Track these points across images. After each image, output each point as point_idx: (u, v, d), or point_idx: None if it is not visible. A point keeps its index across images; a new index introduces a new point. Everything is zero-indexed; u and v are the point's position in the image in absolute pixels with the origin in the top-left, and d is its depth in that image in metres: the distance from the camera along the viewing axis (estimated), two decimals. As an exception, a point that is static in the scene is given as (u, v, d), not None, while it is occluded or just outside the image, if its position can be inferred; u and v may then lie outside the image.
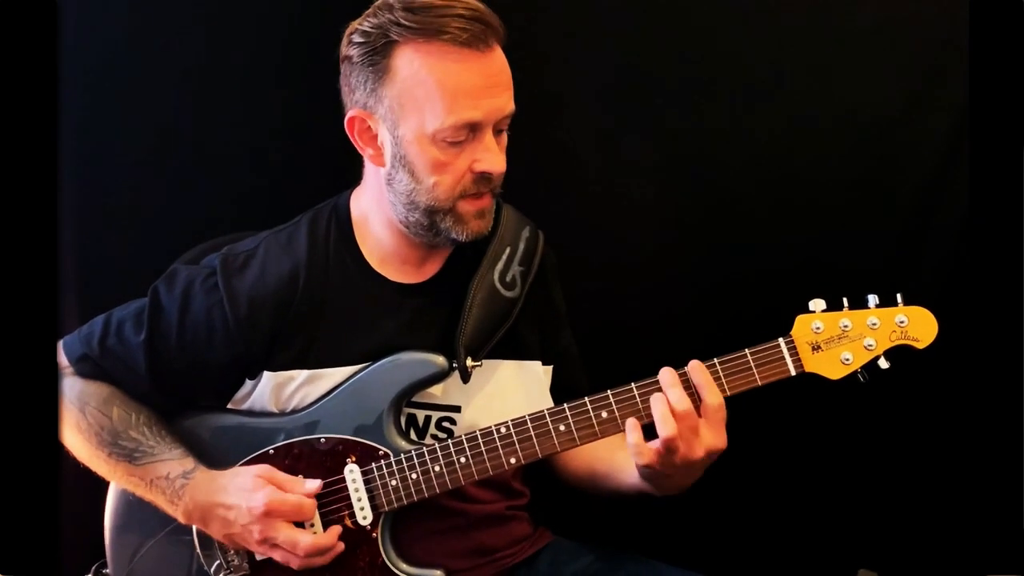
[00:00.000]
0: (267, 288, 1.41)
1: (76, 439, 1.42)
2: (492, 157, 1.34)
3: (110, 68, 1.86)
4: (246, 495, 1.35)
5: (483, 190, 1.38)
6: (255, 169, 1.93)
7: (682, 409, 1.29)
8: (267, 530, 1.34)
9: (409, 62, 1.31)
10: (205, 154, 1.91)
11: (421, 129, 1.33)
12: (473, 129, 1.33)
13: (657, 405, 1.30)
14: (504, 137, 1.39)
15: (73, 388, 1.43)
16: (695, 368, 1.32)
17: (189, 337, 1.41)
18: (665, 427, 1.28)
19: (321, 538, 1.37)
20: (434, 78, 1.30)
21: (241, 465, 1.43)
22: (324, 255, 1.45)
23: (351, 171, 1.49)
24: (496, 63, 1.33)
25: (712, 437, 1.31)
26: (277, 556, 1.37)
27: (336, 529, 1.39)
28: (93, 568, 1.54)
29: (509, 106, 1.35)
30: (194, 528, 1.42)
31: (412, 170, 1.36)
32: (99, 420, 1.41)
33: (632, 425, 1.31)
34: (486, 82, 1.32)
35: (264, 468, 1.38)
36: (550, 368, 1.56)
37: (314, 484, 1.38)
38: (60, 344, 1.46)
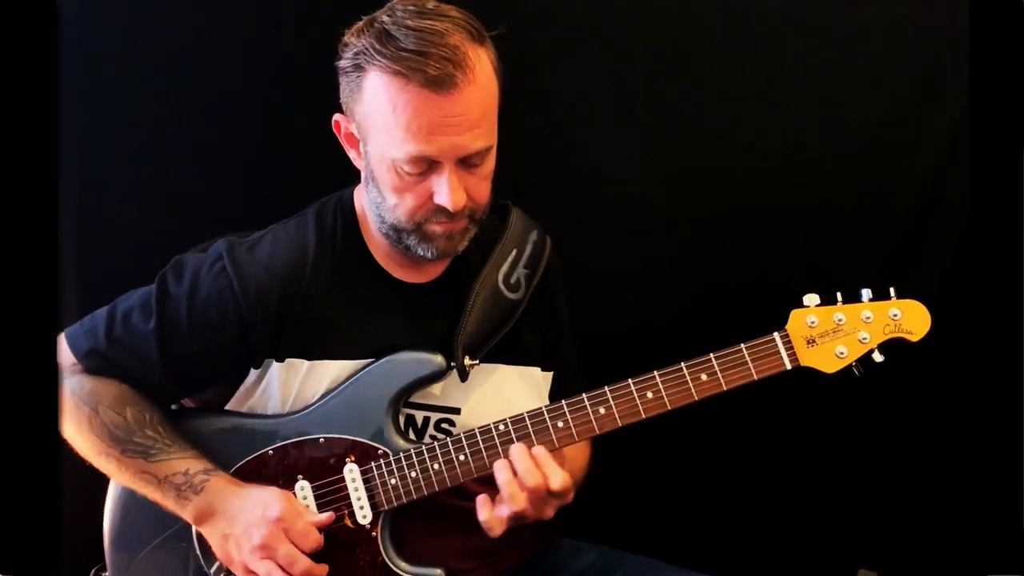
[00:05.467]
0: (275, 271, 1.41)
1: (86, 438, 1.42)
2: (448, 193, 1.32)
3: (110, 68, 1.86)
4: (264, 502, 1.36)
5: (445, 219, 1.36)
6: (255, 168, 1.93)
7: (532, 485, 1.32)
8: (271, 539, 1.34)
9: (374, 88, 1.31)
10: (205, 153, 1.91)
11: (382, 152, 1.33)
12: (432, 163, 1.32)
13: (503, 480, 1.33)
14: (482, 169, 1.36)
15: (84, 387, 1.42)
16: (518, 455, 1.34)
17: (200, 321, 1.41)
18: (514, 503, 1.32)
19: (318, 568, 1.37)
20: (391, 110, 1.30)
21: (241, 465, 1.43)
22: (331, 246, 1.45)
23: (351, 171, 1.49)
24: (463, 103, 1.29)
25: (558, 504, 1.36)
26: (261, 571, 1.35)
27: (324, 567, 1.38)
28: (92, 572, 1.54)
29: (476, 144, 1.32)
30: (193, 531, 1.42)
31: (378, 186, 1.37)
32: (113, 419, 1.40)
33: (482, 501, 1.35)
34: (445, 122, 1.29)
35: (286, 491, 1.39)
36: (550, 374, 1.56)
37: (327, 517, 1.39)
38: (64, 339, 1.45)
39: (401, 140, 1.30)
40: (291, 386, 1.43)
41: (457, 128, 1.30)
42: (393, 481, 1.40)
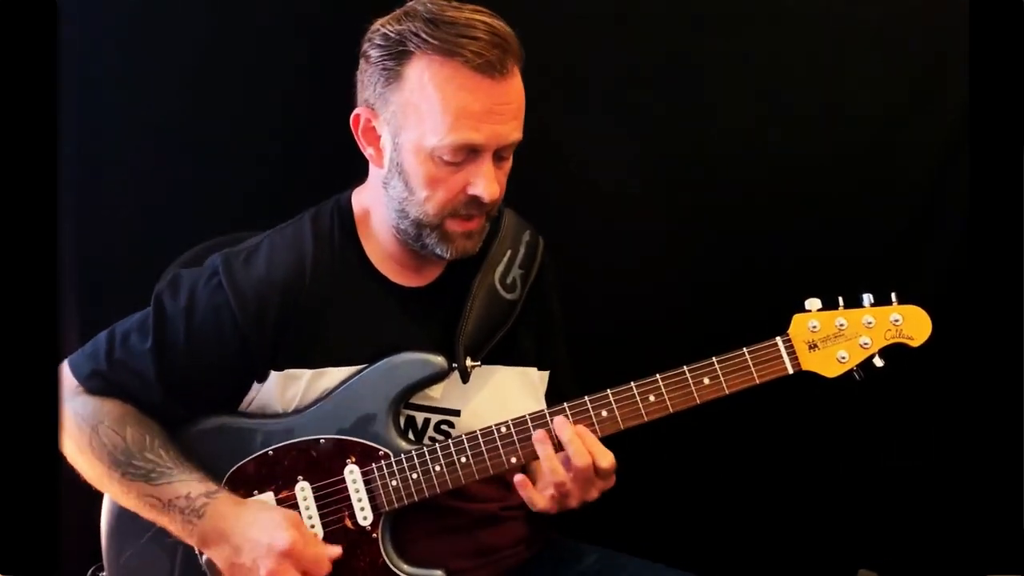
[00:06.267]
0: (274, 282, 1.40)
1: (87, 460, 1.40)
2: (486, 184, 1.33)
3: (110, 68, 1.86)
4: (271, 530, 1.34)
5: (474, 213, 1.37)
6: (255, 169, 1.93)
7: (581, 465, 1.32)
8: (278, 570, 1.32)
9: (420, 75, 1.31)
10: (205, 154, 1.91)
11: (420, 142, 1.32)
12: (472, 152, 1.32)
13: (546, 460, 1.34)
14: (507, 164, 1.38)
15: (86, 407, 1.41)
16: (579, 433, 1.34)
17: (198, 340, 1.40)
18: (555, 476, 1.33)
19: None
20: (440, 95, 1.30)
21: (242, 465, 1.42)
22: (329, 251, 1.45)
23: (352, 171, 1.48)
24: (508, 91, 1.32)
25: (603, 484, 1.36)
26: None
27: None
28: (89, 572, 1.54)
29: (514, 135, 1.34)
30: None
31: (406, 179, 1.36)
32: (112, 440, 1.39)
33: (521, 482, 1.35)
34: (492, 108, 1.31)
35: (294, 514, 1.38)
36: (546, 374, 1.56)
37: (335, 551, 1.38)
38: (67, 364, 1.44)
39: (448, 127, 1.30)
40: (291, 394, 1.42)
41: (502, 116, 1.31)
42: (394, 482, 1.40)
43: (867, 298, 1.37)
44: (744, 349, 1.36)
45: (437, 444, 1.39)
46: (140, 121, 1.89)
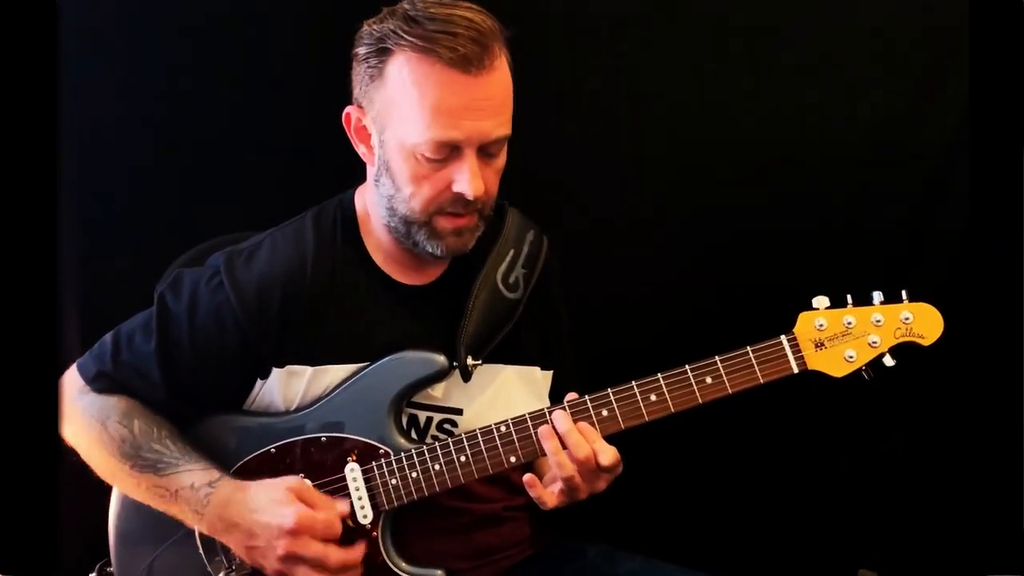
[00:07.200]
0: (275, 279, 1.41)
1: (99, 454, 1.41)
2: (469, 180, 1.32)
3: (110, 68, 1.86)
4: (275, 509, 1.34)
5: (461, 210, 1.36)
6: (256, 169, 1.93)
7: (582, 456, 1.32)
8: (294, 546, 1.33)
9: (399, 71, 1.31)
10: (205, 154, 1.91)
11: (402, 139, 1.33)
12: (455, 149, 1.32)
13: (552, 452, 1.33)
14: (498, 161, 1.37)
15: (94, 404, 1.42)
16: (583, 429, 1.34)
17: (201, 339, 1.40)
18: (563, 470, 1.32)
19: (350, 553, 1.37)
20: (417, 92, 1.30)
21: (243, 463, 1.43)
22: (331, 249, 1.45)
23: (354, 172, 1.49)
24: (489, 86, 1.31)
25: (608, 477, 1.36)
26: (299, 574, 1.35)
27: (362, 547, 1.38)
28: (97, 567, 1.54)
29: (498, 131, 1.33)
30: (196, 532, 1.41)
31: (393, 176, 1.36)
32: (120, 433, 1.40)
33: (530, 481, 1.34)
34: (472, 104, 1.30)
35: (295, 482, 1.38)
36: (549, 373, 1.56)
37: (344, 506, 1.38)
38: (75, 366, 1.45)
39: (427, 124, 1.29)
40: (293, 391, 1.43)
41: (481, 112, 1.30)
42: (394, 481, 1.40)
43: (877, 296, 1.34)
44: (748, 348, 1.34)
45: (437, 443, 1.39)
46: (140, 121, 1.89)
